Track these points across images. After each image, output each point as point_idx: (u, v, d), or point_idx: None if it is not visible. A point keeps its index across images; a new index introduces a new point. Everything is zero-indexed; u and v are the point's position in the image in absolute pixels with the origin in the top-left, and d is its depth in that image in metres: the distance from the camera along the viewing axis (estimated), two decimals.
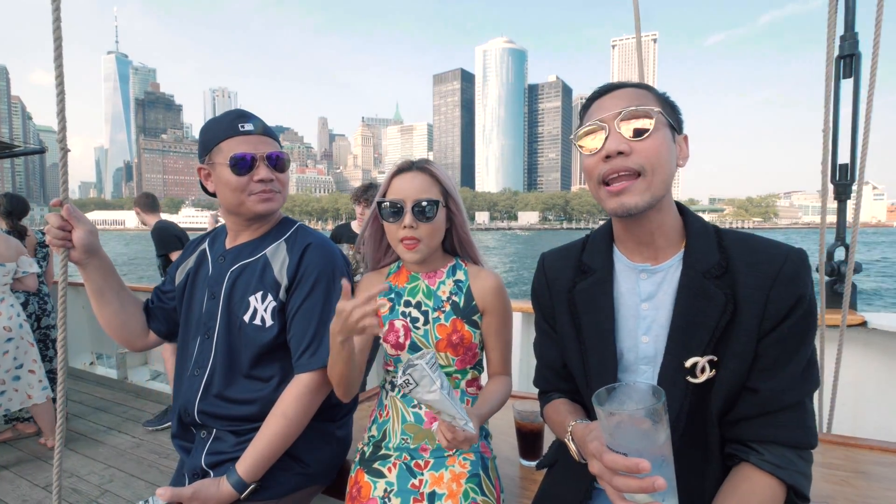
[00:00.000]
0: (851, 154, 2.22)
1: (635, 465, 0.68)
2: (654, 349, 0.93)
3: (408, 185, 1.20)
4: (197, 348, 1.27)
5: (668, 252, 0.95)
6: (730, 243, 0.91)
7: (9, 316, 3.07)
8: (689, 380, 0.87)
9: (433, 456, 1.22)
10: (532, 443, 1.45)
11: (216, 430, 1.23)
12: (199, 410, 1.23)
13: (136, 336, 1.34)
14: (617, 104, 0.89)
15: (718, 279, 0.87)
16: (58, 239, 1.13)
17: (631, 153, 0.86)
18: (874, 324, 2.33)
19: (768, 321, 0.84)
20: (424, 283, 1.27)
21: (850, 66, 2.28)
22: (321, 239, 1.29)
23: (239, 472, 1.12)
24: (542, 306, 1.12)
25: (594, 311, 0.98)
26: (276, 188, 1.23)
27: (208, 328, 1.25)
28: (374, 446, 1.27)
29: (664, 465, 0.70)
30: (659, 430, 0.70)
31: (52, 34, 1.05)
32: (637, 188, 0.87)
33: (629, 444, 0.70)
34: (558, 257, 1.11)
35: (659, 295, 0.94)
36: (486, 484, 1.18)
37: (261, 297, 1.21)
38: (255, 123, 1.22)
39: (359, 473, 1.24)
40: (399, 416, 1.25)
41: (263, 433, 1.15)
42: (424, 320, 1.23)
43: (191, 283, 1.33)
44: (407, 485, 1.18)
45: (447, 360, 1.23)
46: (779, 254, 0.86)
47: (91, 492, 2.70)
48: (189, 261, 1.36)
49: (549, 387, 1.15)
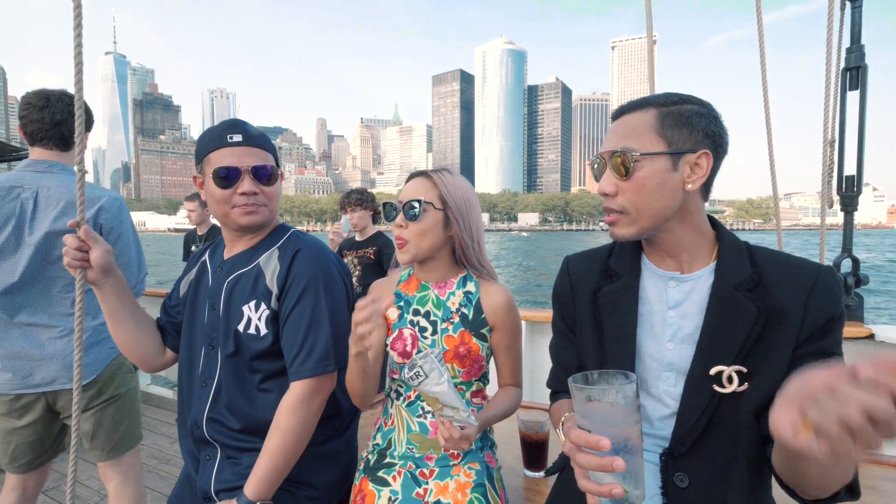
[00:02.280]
0: (858, 166, 2.22)
1: (596, 441, 0.69)
2: (679, 356, 0.93)
3: (408, 189, 1.25)
4: (203, 360, 1.27)
5: (697, 263, 0.96)
6: (761, 258, 0.93)
7: None
8: (715, 388, 0.87)
9: (438, 465, 1.22)
10: (536, 453, 1.44)
11: (221, 451, 1.23)
12: (209, 420, 1.23)
13: (152, 355, 1.35)
14: (611, 141, 0.93)
15: (750, 292, 0.89)
16: (76, 260, 1.15)
17: (617, 194, 0.91)
18: (881, 336, 2.32)
19: (806, 330, 0.85)
20: (434, 293, 1.28)
21: (857, 77, 2.30)
22: (312, 244, 1.29)
23: (247, 493, 1.12)
24: (564, 307, 1.12)
25: (618, 314, 0.99)
26: (261, 201, 1.22)
27: (212, 339, 1.26)
28: (378, 454, 1.27)
29: (629, 451, 0.71)
30: (626, 413, 0.72)
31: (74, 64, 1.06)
32: (623, 223, 0.92)
33: (594, 423, 0.72)
34: (584, 260, 1.11)
35: (686, 304, 0.94)
36: (492, 494, 1.18)
37: (254, 305, 1.22)
38: (246, 134, 1.21)
39: (363, 482, 1.24)
40: (405, 426, 1.25)
41: (264, 450, 1.14)
42: (433, 330, 1.24)
43: (192, 295, 1.33)
44: (412, 493, 1.18)
45: (453, 372, 1.23)
46: (812, 268, 0.89)
47: (91, 497, 2.66)
48: (192, 273, 1.37)
49: (561, 387, 1.14)
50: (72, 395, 1.42)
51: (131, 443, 1.81)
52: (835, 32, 1.60)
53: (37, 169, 1.59)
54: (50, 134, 1.61)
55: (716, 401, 0.87)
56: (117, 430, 1.77)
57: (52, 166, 1.61)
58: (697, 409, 0.88)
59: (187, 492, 1.28)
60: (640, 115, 0.91)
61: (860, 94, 2.30)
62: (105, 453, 1.75)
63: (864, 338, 2.36)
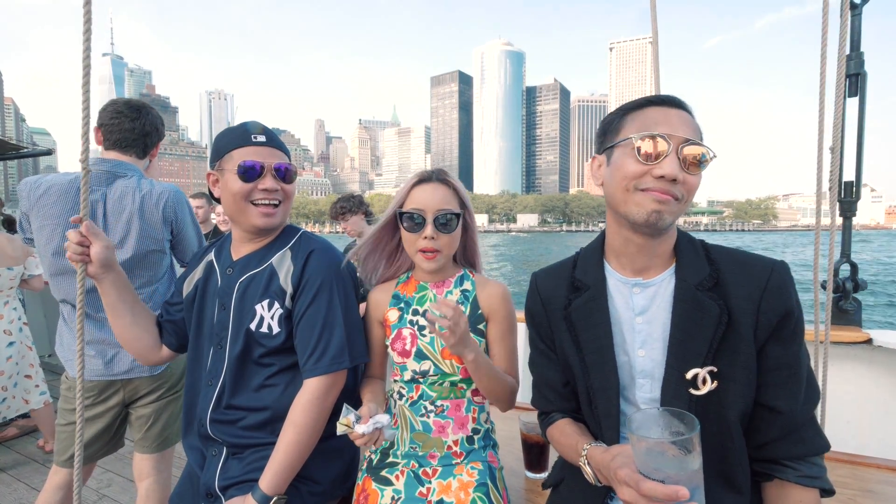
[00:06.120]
0: (857, 172, 2.22)
1: (675, 492, 0.68)
2: (651, 362, 0.95)
3: (429, 197, 1.23)
4: (210, 358, 1.30)
5: (659, 267, 0.98)
6: (717, 256, 0.96)
7: (10, 319, 3.06)
8: (691, 392, 0.89)
9: (441, 464, 1.23)
10: (538, 455, 1.45)
11: (227, 449, 1.26)
12: (212, 420, 1.26)
13: (149, 350, 1.39)
14: (683, 128, 0.90)
15: (711, 291, 0.91)
16: (77, 254, 1.18)
17: (681, 182, 0.89)
18: (879, 341, 2.32)
19: (762, 331, 0.89)
20: (432, 293, 1.30)
21: (856, 84, 2.29)
22: (325, 245, 1.32)
23: (262, 487, 1.15)
24: (539, 325, 1.13)
25: (591, 326, 1.00)
26: (280, 198, 1.27)
27: (220, 338, 1.28)
28: (381, 454, 1.28)
29: (698, 493, 0.71)
30: (694, 457, 0.71)
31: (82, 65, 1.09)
32: (673, 210, 0.91)
33: (665, 472, 0.70)
34: (550, 276, 1.13)
35: (652, 309, 0.97)
36: (494, 494, 1.19)
37: (267, 304, 1.24)
38: (269, 136, 1.27)
39: (366, 481, 1.25)
40: (408, 425, 1.26)
41: (279, 445, 1.18)
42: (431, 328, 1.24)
43: (200, 295, 1.35)
44: (415, 493, 1.18)
45: (452, 369, 1.24)
46: (765, 266, 0.92)
47: (89, 496, 2.68)
48: (196, 272, 1.39)
49: (550, 407, 1.14)
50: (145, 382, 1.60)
51: (174, 440, 1.87)
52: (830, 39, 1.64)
53: (114, 170, 1.70)
54: (136, 143, 1.76)
55: (694, 404, 0.90)
56: (171, 425, 1.84)
57: (129, 169, 1.73)
58: None
59: (188, 490, 1.30)
60: (694, 118, 0.93)
61: (859, 101, 2.28)
62: (153, 446, 1.81)
63: (862, 342, 2.35)
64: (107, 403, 1.73)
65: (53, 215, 1.63)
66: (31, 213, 1.66)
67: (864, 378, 2.39)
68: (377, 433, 1.05)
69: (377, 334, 1.34)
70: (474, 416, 1.27)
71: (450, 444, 1.24)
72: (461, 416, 1.25)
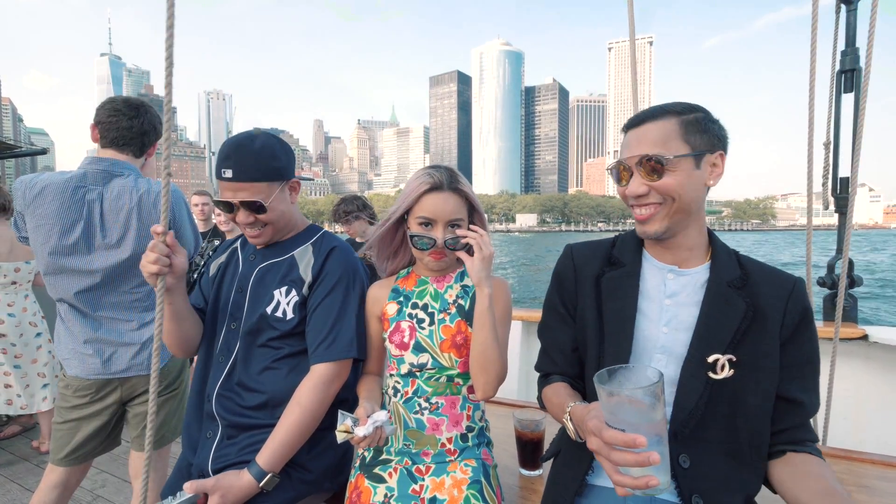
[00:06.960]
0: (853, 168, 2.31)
1: (633, 440, 0.72)
2: (673, 340, 1.02)
3: (441, 206, 1.22)
4: (223, 336, 1.36)
5: (694, 262, 1.07)
6: (746, 263, 1.07)
7: (33, 312, 3.08)
8: (709, 375, 0.97)
9: (434, 461, 1.23)
10: (532, 452, 1.46)
11: (222, 429, 1.30)
12: (218, 395, 1.31)
13: (197, 347, 1.43)
14: (638, 146, 1.00)
15: (740, 289, 1.01)
16: (165, 266, 1.18)
17: (649, 192, 1.00)
18: (875, 337, 2.34)
19: (786, 329, 1.00)
20: (433, 287, 1.31)
21: (852, 80, 2.28)
22: (344, 244, 1.39)
23: (259, 462, 1.18)
24: (565, 290, 1.17)
25: (619, 298, 1.07)
26: (259, 226, 1.30)
27: (235, 318, 1.35)
28: (374, 451, 1.28)
29: (659, 442, 0.75)
30: (656, 408, 0.75)
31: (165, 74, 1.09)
32: (658, 217, 1.01)
33: (627, 421, 0.75)
34: (587, 248, 1.19)
35: (682, 294, 1.05)
36: (488, 491, 1.19)
37: (285, 291, 1.31)
38: (238, 169, 1.23)
39: (359, 478, 1.25)
40: (401, 422, 1.26)
41: (281, 424, 1.21)
42: (430, 321, 1.26)
43: (221, 276, 1.44)
44: (408, 490, 1.19)
45: (450, 362, 1.24)
46: (789, 277, 1.04)
47: (83, 497, 2.66)
48: (222, 257, 1.49)
49: (554, 369, 1.18)
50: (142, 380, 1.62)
51: (171, 437, 1.88)
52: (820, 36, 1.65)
53: (110, 169, 1.67)
54: (133, 142, 1.74)
55: (710, 386, 0.97)
56: (169, 422, 1.85)
57: (126, 168, 1.70)
58: (695, 394, 0.97)
59: (180, 482, 1.30)
60: (663, 123, 1.00)
61: (855, 98, 2.26)
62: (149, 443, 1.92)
63: (857, 338, 2.37)
64: (104, 401, 1.73)
65: (49, 214, 1.60)
66: (26, 213, 1.64)
67: (860, 374, 2.41)
68: (378, 432, 1.06)
69: (374, 329, 1.35)
70: (469, 414, 1.27)
71: (444, 441, 1.24)
72: (456, 414, 1.25)
